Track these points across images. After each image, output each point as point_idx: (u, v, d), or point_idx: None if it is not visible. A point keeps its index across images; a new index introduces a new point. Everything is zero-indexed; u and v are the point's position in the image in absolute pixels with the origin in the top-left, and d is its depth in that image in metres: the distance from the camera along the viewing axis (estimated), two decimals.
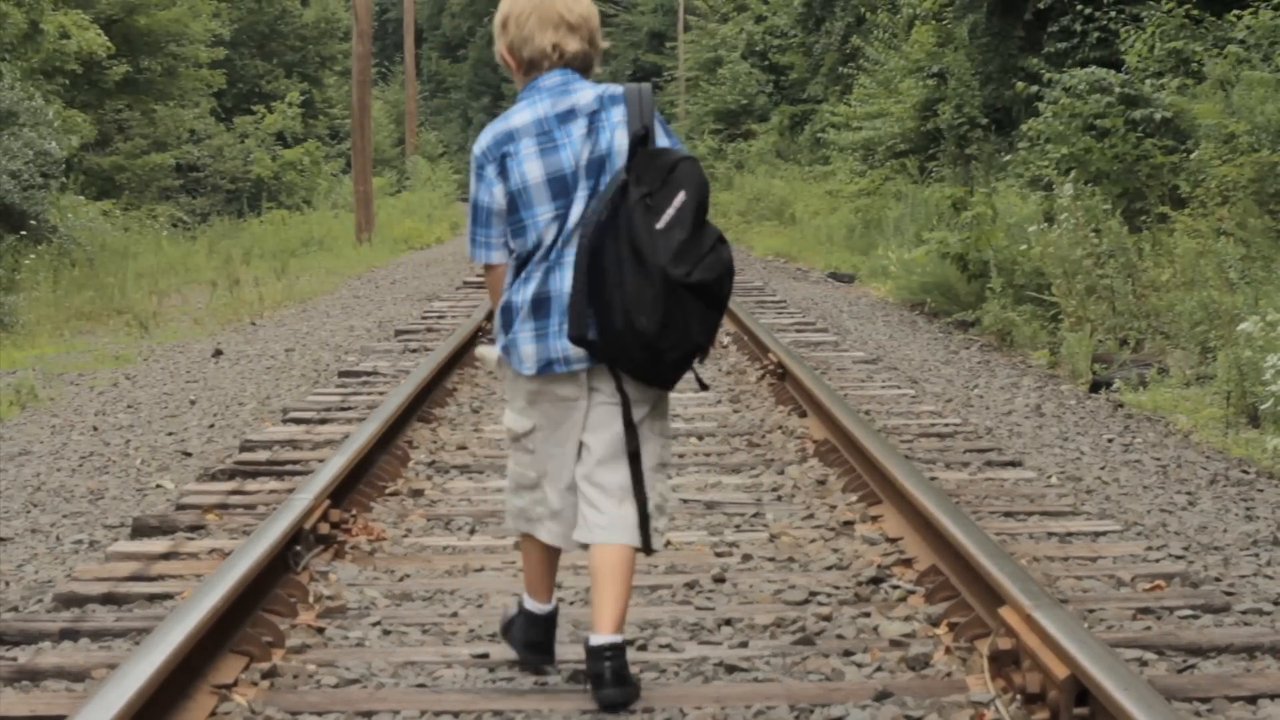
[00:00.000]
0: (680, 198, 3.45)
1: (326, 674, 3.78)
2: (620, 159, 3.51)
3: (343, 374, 9.28)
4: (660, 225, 3.42)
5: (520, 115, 3.58)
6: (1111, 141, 11.57)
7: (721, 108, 35.12)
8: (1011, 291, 10.98)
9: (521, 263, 3.57)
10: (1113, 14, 14.30)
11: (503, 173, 3.54)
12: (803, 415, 7.44)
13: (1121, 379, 8.47)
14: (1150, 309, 9.73)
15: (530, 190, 3.51)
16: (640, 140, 3.50)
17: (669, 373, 3.52)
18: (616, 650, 3.52)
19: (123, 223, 20.58)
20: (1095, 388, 8.61)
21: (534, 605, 3.80)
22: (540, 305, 3.52)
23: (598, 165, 3.51)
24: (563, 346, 3.51)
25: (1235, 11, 12.52)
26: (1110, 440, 7.04)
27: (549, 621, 3.81)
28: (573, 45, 3.58)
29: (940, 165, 18.48)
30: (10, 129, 16.21)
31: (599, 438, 3.57)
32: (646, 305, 3.39)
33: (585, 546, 3.61)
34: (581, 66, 3.62)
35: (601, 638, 3.52)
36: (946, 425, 7.27)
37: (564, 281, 3.50)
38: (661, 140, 3.55)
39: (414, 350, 10.47)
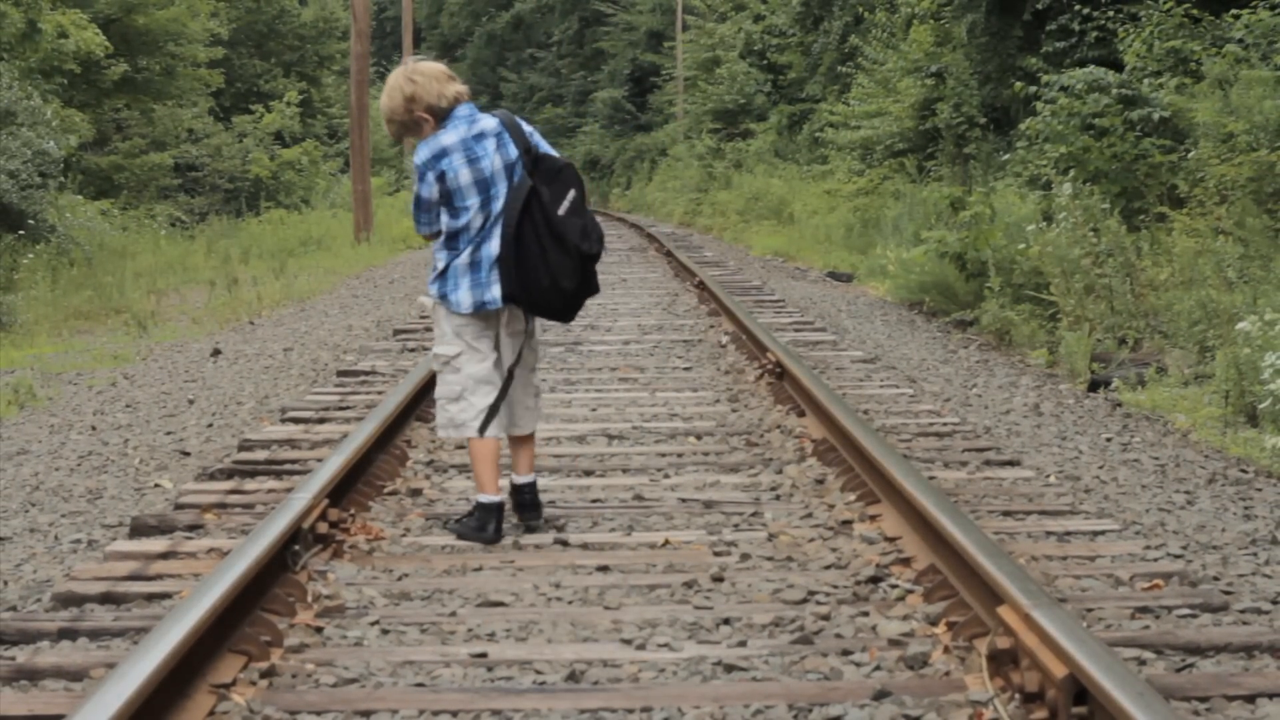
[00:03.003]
0: (572, 194, 5.10)
1: (325, 673, 3.78)
2: (519, 164, 5.09)
3: (341, 373, 9.28)
4: (561, 213, 5.05)
5: (449, 136, 5.08)
6: (1110, 141, 11.57)
7: (720, 107, 35.13)
8: (1010, 291, 10.99)
9: (453, 236, 5.12)
10: (1111, 13, 14.30)
11: (441, 177, 5.06)
12: (801, 414, 7.45)
13: (1120, 378, 8.47)
14: (1149, 308, 9.73)
15: (463, 188, 5.07)
16: (527, 153, 5.08)
17: (574, 313, 5.25)
18: (532, 486, 5.35)
19: (121, 222, 20.57)
20: (1094, 387, 8.61)
21: (486, 498, 5.21)
22: (475, 266, 5.11)
23: (509, 169, 5.09)
24: (492, 294, 5.11)
25: (1233, 11, 12.53)
26: (1109, 439, 7.05)
27: (500, 509, 5.22)
28: (464, 88, 5.17)
29: (939, 164, 18.49)
30: (8, 128, 16.20)
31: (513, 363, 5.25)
32: (568, 272, 5.08)
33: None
34: (471, 100, 5.20)
35: (522, 478, 5.34)
36: (945, 424, 7.27)
37: (491, 249, 5.10)
38: (544, 149, 5.16)
39: (412, 349, 10.47)
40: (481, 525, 5.20)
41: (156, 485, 6.27)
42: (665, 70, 49.50)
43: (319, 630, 4.16)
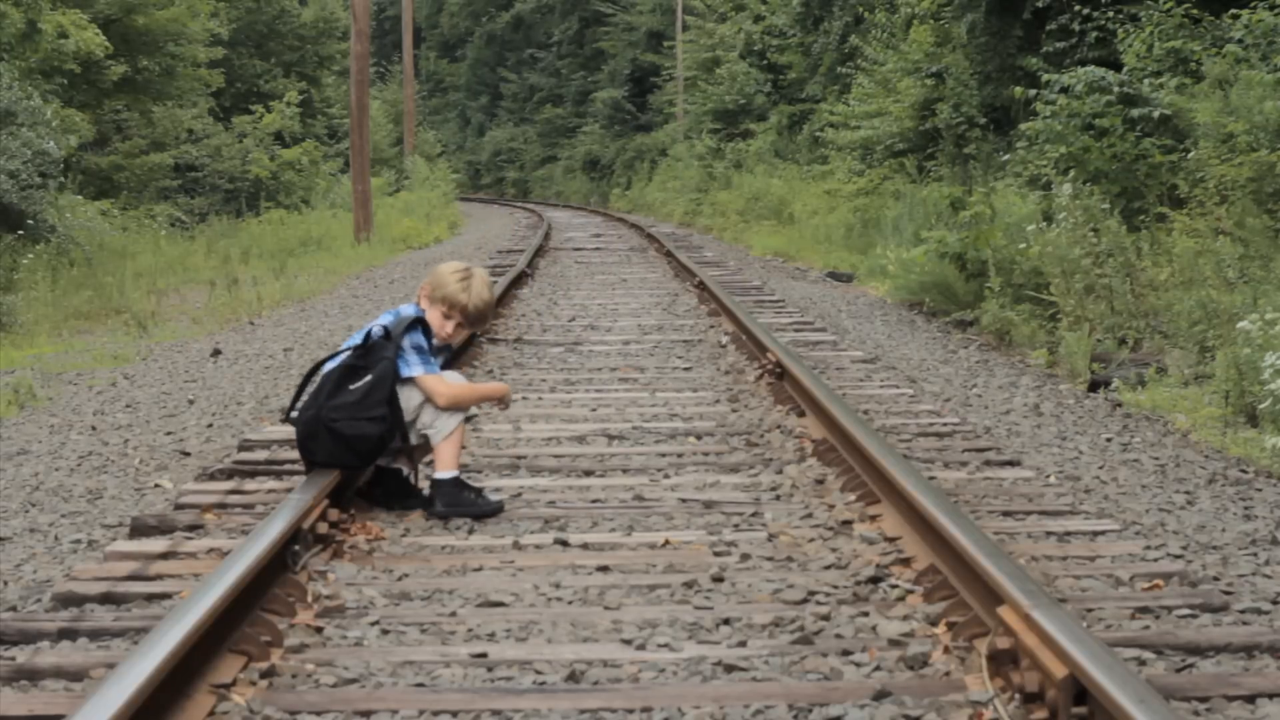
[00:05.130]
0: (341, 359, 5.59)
1: (325, 673, 3.78)
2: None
3: None
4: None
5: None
6: (1110, 141, 11.57)
7: (720, 107, 35.12)
8: (1010, 291, 10.99)
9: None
10: (1111, 13, 14.31)
11: None
12: (801, 414, 7.45)
13: (1120, 378, 8.47)
14: (1149, 308, 9.73)
15: None
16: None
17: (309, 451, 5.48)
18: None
19: (121, 222, 20.56)
20: (1094, 387, 8.61)
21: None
22: None
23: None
24: None
25: (1233, 11, 12.53)
26: (1109, 439, 7.05)
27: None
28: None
29: (939, 165, 18.49)
30: (8, 129, 16.20)
31: None
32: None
33: None
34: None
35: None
36: (945, 424, 7.27)
37: None
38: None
39: None
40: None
41: (156, 485, 6.27)
42: (665, 70, 49.49)
43: (319, 630, 4.16)
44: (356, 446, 5.35)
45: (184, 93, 27.07)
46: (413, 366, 5.52)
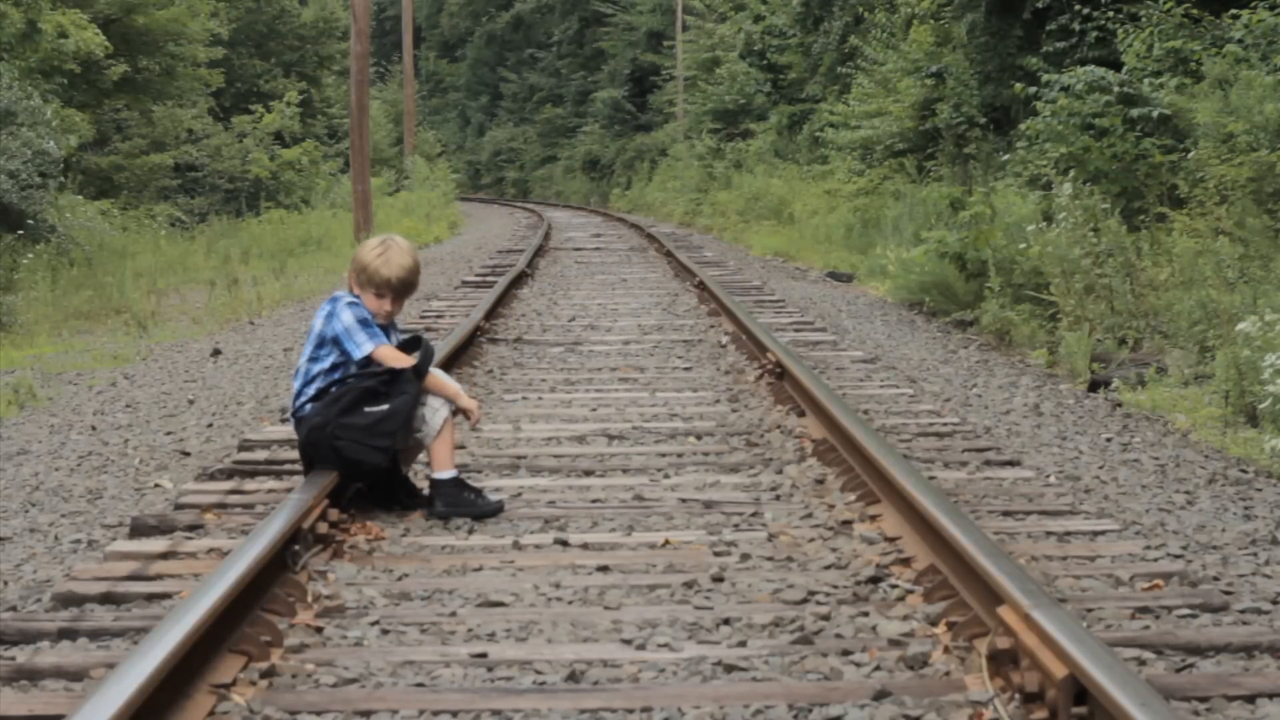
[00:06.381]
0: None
1: (325, 673, 3.78)
2: None
3: None
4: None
5: None
6: (1110, 141, 11.57)
7: (720, 107, 35.12)
8: (1010, 291, 10.99)
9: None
10: (1111, 13, 14.30)
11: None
12: (801, 414, 7.44)
13: (1120, 378, 8.47)
14: (1149, 308, 9.73)
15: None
16: None
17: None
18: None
19: (121, 222, 20.55)
20: (1094, 387, 8.61)
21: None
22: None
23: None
24: None
25: (1233, 11, 12.53)
26: (1109, 439, 7.05)
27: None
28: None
29: (939, 164, 18.48)
30: (8, 128, 16.20)
31: None
32: None
33: None
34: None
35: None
36: (945, 424, 7.27)
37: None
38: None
39: None
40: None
41: (156, 485, 6.27)
42: (665, 70, 49.48)
43: (319, 630, 4.16)
44: (354, 469, 5.39)
45: (184, 93, 27.08)
46: (362, 345, 5.51)
